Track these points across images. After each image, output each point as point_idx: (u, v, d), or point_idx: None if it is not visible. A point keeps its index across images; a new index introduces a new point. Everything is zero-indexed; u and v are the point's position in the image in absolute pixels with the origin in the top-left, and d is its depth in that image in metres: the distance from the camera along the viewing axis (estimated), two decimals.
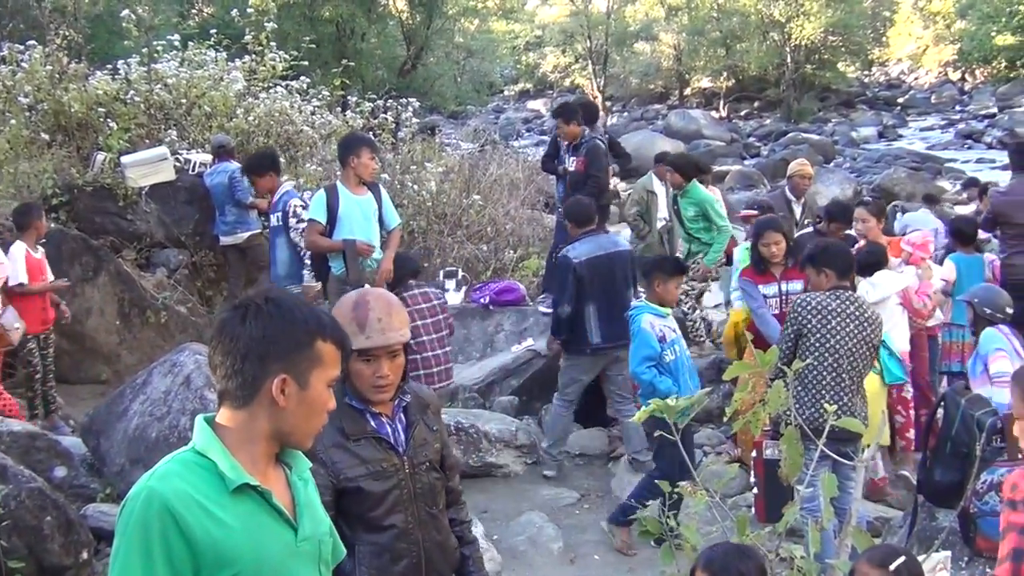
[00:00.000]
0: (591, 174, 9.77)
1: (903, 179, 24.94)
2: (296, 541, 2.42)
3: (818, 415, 5.54)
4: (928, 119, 49.51)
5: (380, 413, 3.39)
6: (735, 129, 43.19)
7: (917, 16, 62.72)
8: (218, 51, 13.05)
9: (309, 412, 2.41)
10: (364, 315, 3.30)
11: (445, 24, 32.18)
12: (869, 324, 6.01)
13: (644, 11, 52.91)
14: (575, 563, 6.71)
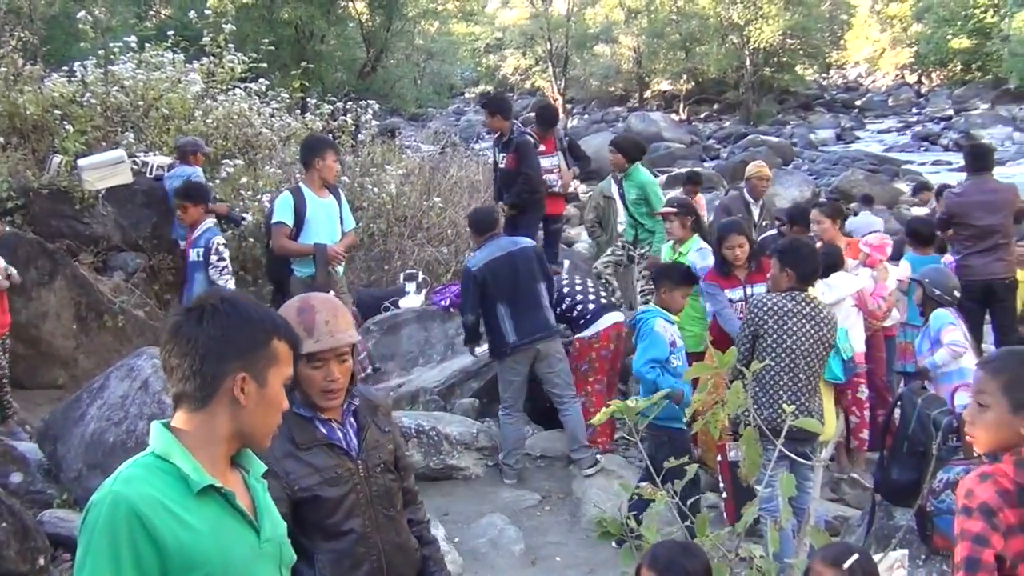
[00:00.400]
0: (522, 171, 9.86)
1: (861, 181, 25.15)
2: (259, 543, 2.43)
3: (776, 415, 5.58)
4: (885, 121, 49.98)
5: (329, 419, 3.36)
6: (695, 131, 43.38)
7: (874, 19, 63.28)
8: (176, 53, 12.95)
9: (267, 410, 2.42)
10: (311, 319, 3.26)
11: (405, 26, 32.10)
12: (825, 324, 6.07)
13: (604, 14, 53.05)
14: (536, 565, 6.72)
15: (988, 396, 3.09)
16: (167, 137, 11.66)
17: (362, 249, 9.99)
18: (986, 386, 3.13)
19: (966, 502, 3.06)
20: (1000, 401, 3.06)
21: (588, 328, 8.09)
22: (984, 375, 3.19)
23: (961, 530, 3.04)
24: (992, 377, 3.14)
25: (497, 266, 7.69)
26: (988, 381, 3.13)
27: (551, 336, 7.74)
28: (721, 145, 39.62)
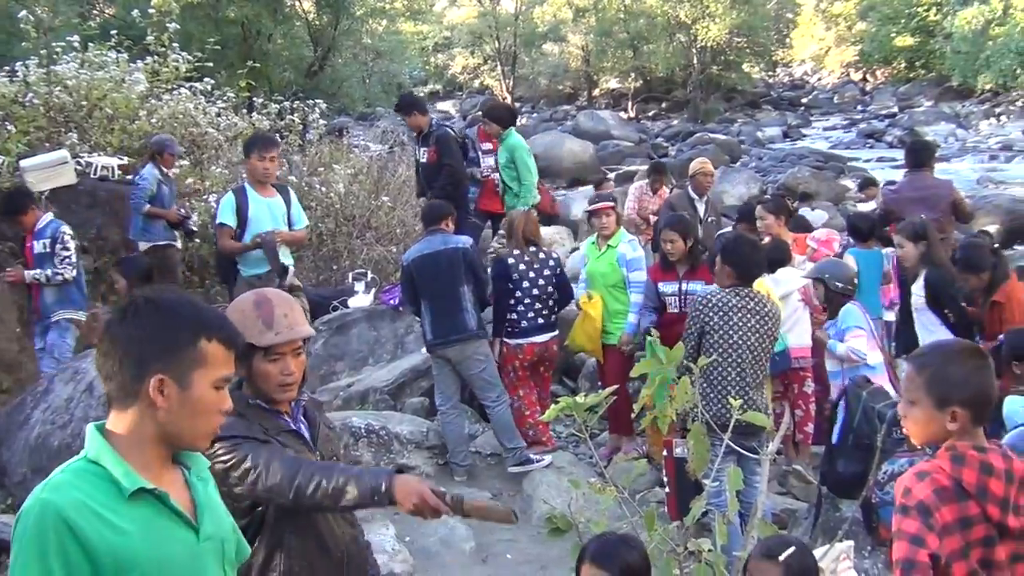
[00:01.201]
0: (444, 163, 9.87)
1: (807, 178, 25.39)
2: (198, 541, 2.41)
3: (723, 410, 5.61)
4: (831, 119, 50.41)
5: (283, 412, 3.39)
6: (643, 129, 43.51)
7: (819, 18, 63.89)
8: (119, 52, 12.83)
9: (193, 413, 2.37)
10: (269, 312, 3.29)
11: (352, 25, 31.96)
12: (769, 318, 6.12)
13: (552, 12, 53.11)
14: (487, 562, 6.74)
15: (915, 392, 3.15)
16: (111, 138, 11.58)
17: (310, 249, 9.95)
18: (912, 382, 3.18)
19: (904, 500, 3.11)
20: (926, 397, 3.11)
21: (518, 337, 8.06)
22: (911, 370, 3.25)
23: (898, 529, 3.08)
24: (917, 373, 3.19)
25: (424, 263, 7.77)
26: (914, 377, 3.18)
27: (466, 340, 7.73)
28: (669, 143, 39.76)
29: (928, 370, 3.14)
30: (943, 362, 3.16)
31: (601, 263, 7.98)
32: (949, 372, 3.10)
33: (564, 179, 28.06)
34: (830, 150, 37.27)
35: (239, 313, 3.32)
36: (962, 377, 3.08)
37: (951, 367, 3.12)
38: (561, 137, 31.62)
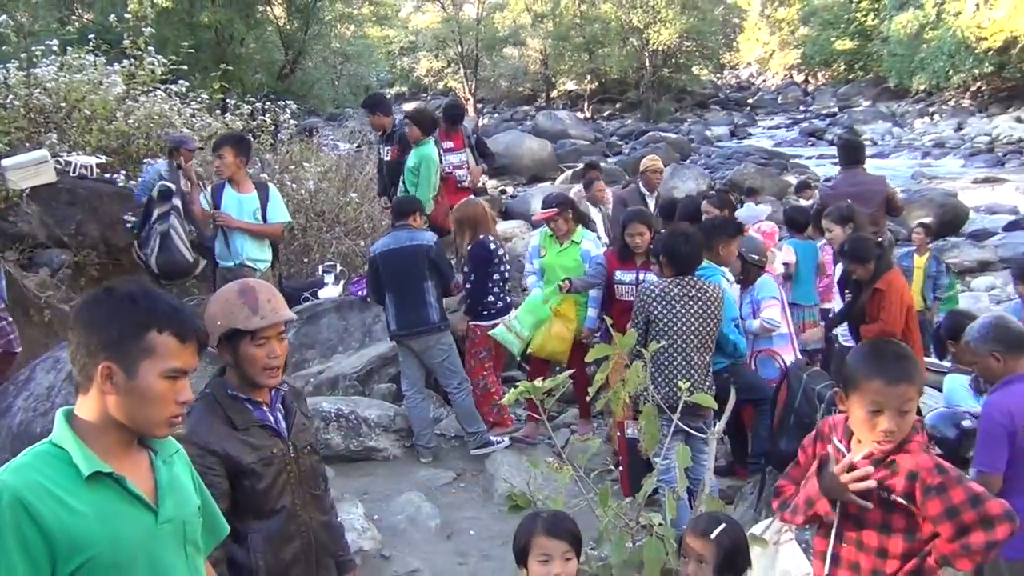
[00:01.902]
0: (402, 162, 9.99)
1: (752, 174, 25.52)
2: (156, 523, 2.40)
3: (672, 393, 5.64)
4: (775, 118, 50.83)
5: (261, 402, 3.39)
6: (599, 129, 43.64)
7: (764, 23, 64.24)
8: (97, 56, 12.69)
9: (141, 401, 2.35)
10: (254, 298, 3.29)
11: (322, 30, 31.86)
12: (711, 304, 6.11)
13: (512, 18, 53.10)
14: (452, 539, 6.75)
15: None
16: (89, 137, 11.47)
17: (282, 242, 9.91)
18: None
19: (782, 507, 3.37)
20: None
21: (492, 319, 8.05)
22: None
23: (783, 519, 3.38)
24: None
25: (390, 257, 7.76)
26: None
27: (427, 332, 7.74)
28: (623, 141, 39.91)
29: (846, 369, 3.35)
30: (849, 359, 3.36)
31: (565, 257, 7.94)
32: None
33: (524, 176, 28.12)
34: (774, 148, 37.57)
35: (224, 302, 3.33)
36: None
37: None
38: (521, 136, 31.66)
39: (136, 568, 2.35)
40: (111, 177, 11.15)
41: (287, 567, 3.36)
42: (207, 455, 3.17)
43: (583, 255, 7.89)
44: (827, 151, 35.63)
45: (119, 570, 2.31)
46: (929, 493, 3.02)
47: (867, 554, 3.18)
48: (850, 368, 3.25)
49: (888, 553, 3.15)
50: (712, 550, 3.31)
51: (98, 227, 10.52)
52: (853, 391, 3.19)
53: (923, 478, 3.04)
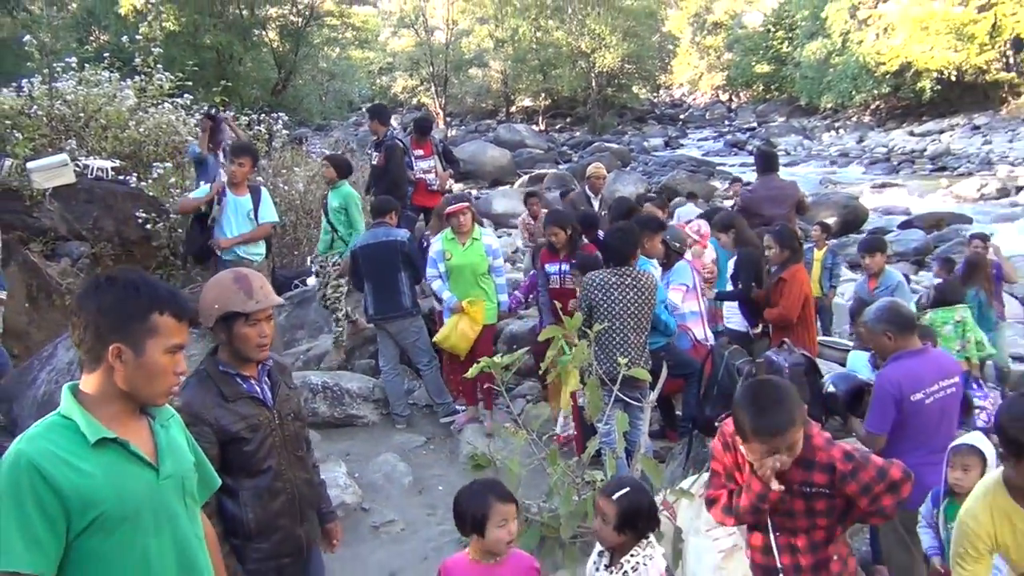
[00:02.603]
0: (388, 168, 10.01)
1: (684, 179, 25.71)
2: (158, 479, 2.41)
3: (613, 368, 5.66)
4: (703, 131, 51.04)
5: (249, 376, 3.39)
6: (551, 140, 43.67)
7: (694, 49, 64.54)
8: (112, 72, 12.56)
9: (148, 375, 2.37)
10: (248, 284, 3.31)
11: (310, 52, 31.75)
12: (645, 291, 6.10)
13: (476, 43, 52.93)
14: (422, 493, 6.75)
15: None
16: (105, 144, 11.39)
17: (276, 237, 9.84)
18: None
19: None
20: None
21: None
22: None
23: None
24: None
25: (368, 251, 7.74)
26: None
27: (401, 316, 7.72)
28: (573, 151, 39.95)
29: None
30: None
31: (471, 255, 7.64)
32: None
33: (487, 180, 28.12)
34: (702, 157, 37.82)
35: (221, 288, 3.34)
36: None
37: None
38: (484, 145, 31.69)
39: (142, 519, 2.35)
40: (124, 179, 11.05)
41: (274, 518, 3.37)
42: (199, 423, 3.18)
43: (486, 249, 7.68)
44: (748, 160, 35.84)
45: (127, 522, 2.31)
46: (845, 479, 3.05)
47: (800, 535, 3.21)
48: (739, 421, 3.10)
49: (817, 526, 3.18)
50: (614, 510, 3.32)
51: (113, 222, 10.42)
52: (747, 442, 3.08)
53: (838, 469, 3.06)
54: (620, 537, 3.34)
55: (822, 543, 3.20)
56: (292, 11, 31.26)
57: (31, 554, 2.19)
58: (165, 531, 2.41)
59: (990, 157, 32.39)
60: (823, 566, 3.22)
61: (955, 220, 21.39)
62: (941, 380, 4.49)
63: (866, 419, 4.58)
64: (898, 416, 4.39)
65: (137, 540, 2.34)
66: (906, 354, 4.51)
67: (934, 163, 33.70)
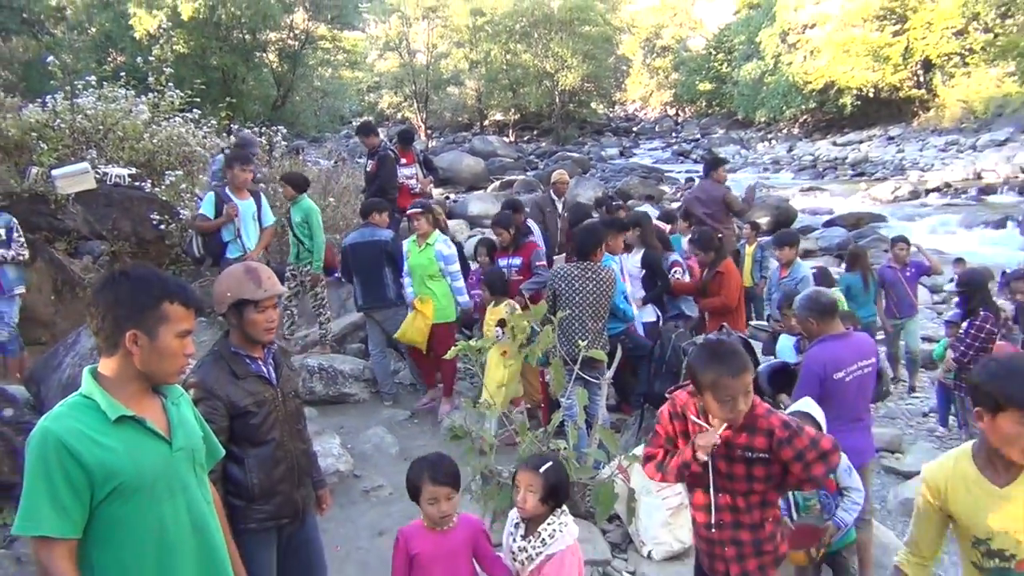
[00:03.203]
0: (379, 174, 10.11)
1: (636, 184, 25.81)
2: (172, 452, 2.42)
3: (574, 349, 5.68)
4: (653, 142, 51.19)
5: (257, 357, 3.40)
6: (520, 150, 43.63)
7: (645, 70, 64.68)
8: (128, 90, 12.43)
9: (161, 357, 2.39)
10: (257, 276, 3.36)
11: (306, 72, 31.59)
12: (603, 283, 6.13)
13: (453, 64, 52.76)
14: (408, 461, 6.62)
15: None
16: (122, 154, 11.29)
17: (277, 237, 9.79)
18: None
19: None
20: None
21: None
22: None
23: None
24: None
25: (356, 248, 7.75)
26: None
27: (386, 307, 7.72)
28: (539, 159, 39.92)
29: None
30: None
31: (422, 257, 7.47)
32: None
33: (463, 185, 28.06)
34: (653, 164, 37.93)
35: (234, 278, 3.37)
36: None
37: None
38: (461, 155, 31.63)
39: (157, 488, 2.37)
40: (140, 185, 10.95)
41: (276, 483, 3.38)
42: (212, 398, 3.21)
43: (436, 254, 7.42)
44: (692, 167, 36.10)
45: (144, 491, 2.33)
46: (782, 444, 3.05)
47: (739, 496, 3.22)
48: (697, 371, 3.09)
49: (754, 490, 3.19)
50: (540, 482, 3.26)
51: (130, 224, 10.32)
52: (705, 390, 3.06)
53: (776, 435, 3.06)
54: (543, 507, 3.28)
55: (757, 505, 3.21)
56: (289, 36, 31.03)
57: (60, 520, 2.20)
58: (179, 498, 2.42)
59: (903, 164, 32.73)
60: (758, 526, 3.24)
61: (872, 219, 21.65)
62: (860, 360, 4.56)
63: (793, 393, 4.63)
64: (821, 391, 4.44)
65: (153, 507, 2.35)
66: (830, 337, 4.58)
67: (854, 169, 33.99)
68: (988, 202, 24.64)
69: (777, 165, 37.66)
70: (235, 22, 27.26)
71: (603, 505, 4.73)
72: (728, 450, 3.15)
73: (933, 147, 34.74)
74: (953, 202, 25.08)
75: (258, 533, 3.37)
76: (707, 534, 3.32)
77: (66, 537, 2.22)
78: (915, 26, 38.84)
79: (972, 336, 6.76)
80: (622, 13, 56.62)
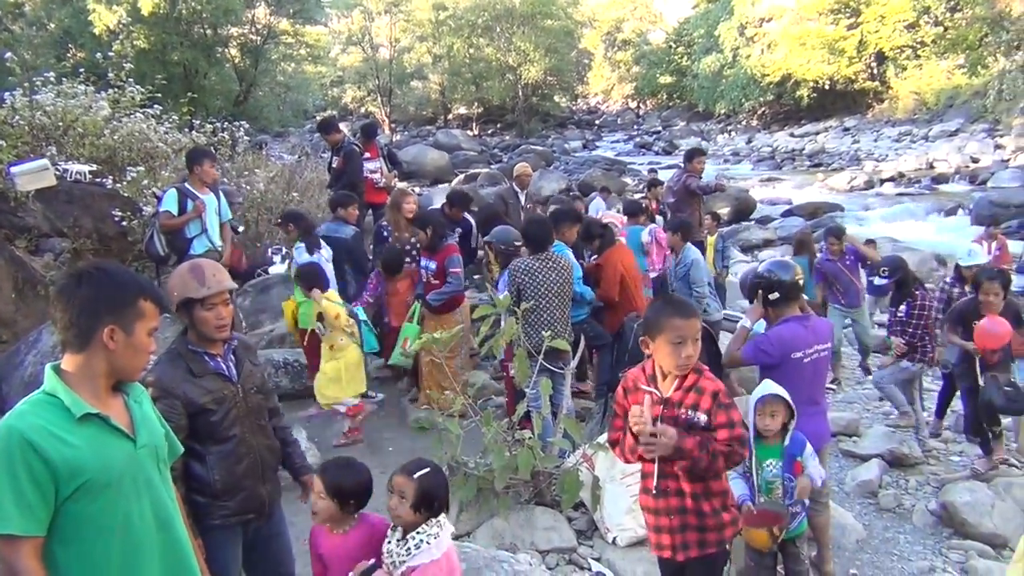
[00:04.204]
0: (346, 170, 10.04)
1: (599, 176, 25.84)
2: (135, 448, 2.40)
3: (539, 340, 5.69)
4: (616, 135, 51.49)
5: (216, 354, 3.35)
6: (484, 143, 43.61)
7: (607, 63, 64.87)
8: (87, 85, 12.21)
9: (134, 353, 2.39)
10: (200, 273, 3.28)
11: (269, 67, 31.25)
12: (563, 272, 6.13)
13: (417, 58, 52.55)
14: (375, 453, 6.68)
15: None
16: (82, 150, 11.08)
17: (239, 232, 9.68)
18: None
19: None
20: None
21: None
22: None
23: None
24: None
25: (324, 240, 7.74)
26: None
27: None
28: (503, 152, 39.95)
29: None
30: (650, 310, 3.48)
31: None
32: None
33: (428, 179, 27.98)
34: (615, 157, 38.08)
35: (179, 277, 3.32)
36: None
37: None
38: (425, 149, 31.56)
39: (122, 484, 2.35)
40: (100, 181, 10.74)
41: (239, 479, 3.35)
42: (169, 397, 3.17)
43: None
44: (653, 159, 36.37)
45: (110, 488, 2.31)
46: (721, 407, 3.24)
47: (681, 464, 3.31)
48: (652, 317, 3.32)
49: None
50: (412, 488, 3.09)
51: (91, 220, 10.15)
52: (659, 332, 3.26)
53: (719, 398, 3.24)
54: (415, 516, 3.09)
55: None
56: (251, 30, 30.66)
57: (25, 519, 2.18)
58: (144, 495, 2.40)
59: (858, 154, 33.19)
60: (700, 497, 3.36)
61: (829, 208, 21.93)
62: (817, 344, 4.63)
63: (743, 347, 4.72)
64: (777, 371, 4.51)
65: (120, 503, 2.33)
66: (794, 318, 4.65)
67: (811, 160, 34.42)
68: (940, 191, 25.09)
69: (737, 156, 38.04)
70: (196, 17, 26.88)
71: (568, 493, 4.76)
72: (674, 413, 3.29)
73: (887, 138, 35.27)
74: (907, 191, 25.50)
75: (223, 530, 3.34)
76: (653, 503, 3.44)
77: (32, 535, 2.19)
78: (868, 19, 39.34)
79: (917, 316, 6.97)
80: (583, 7, 56.71)
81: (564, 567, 4.74)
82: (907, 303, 7.05)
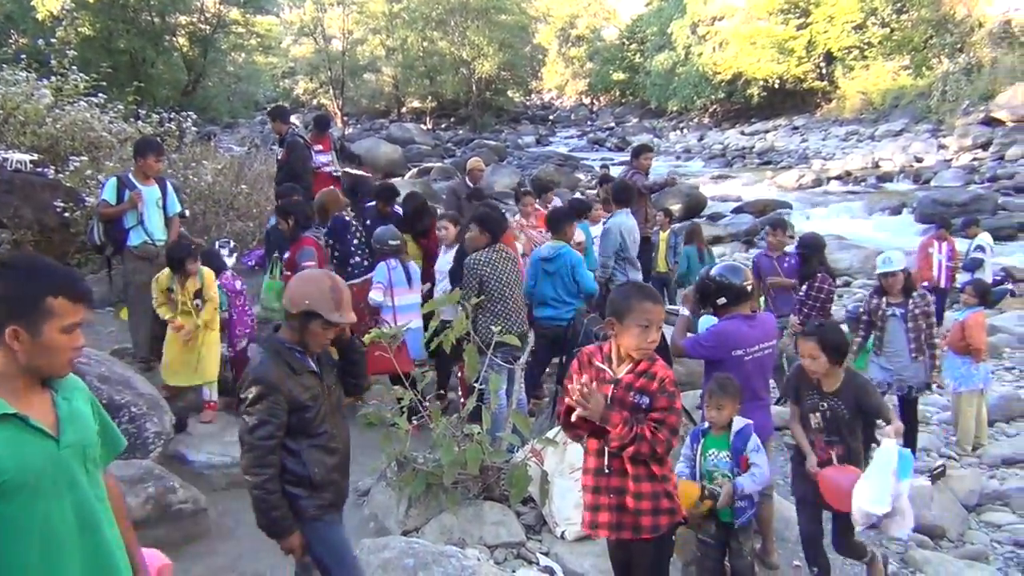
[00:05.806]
0: (289, 161, 9.87)
1: (552, 172, 25.91)
2: (59, 449, 2.31)
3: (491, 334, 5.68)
4: (569, 131, 51.64)
5: (307, 353, 3.46)
6: (438, 137, 43.48)
7: (561, 59, 65.06)
8: (29, 73, 11.90)
9: (46, 352, 2.27)
10: (339, 298, 3.41)
11: (218, 56, 30.73)
12: (515, 261, 6.22)
13: (370, 51, 52.16)
14: None
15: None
16: (24, 139, 10.79)
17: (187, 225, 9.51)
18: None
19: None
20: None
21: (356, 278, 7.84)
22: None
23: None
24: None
25: (269, 233, 7.96)
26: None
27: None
28: (456, 147, 39.88)
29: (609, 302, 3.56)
30: (617, 294, 3.55)
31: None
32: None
33: (380, 172, 27.78)
34: (568, 152, 38.27)
35: (317, 288, 3.40)
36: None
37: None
38: (378, 142, 31.29)
39: (42, 486, 2.27)
40: (42, 171, 10.44)
41: (330, 473, 3.45)
42: (275, 393, 3.26)
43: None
44: (606, 155, 36.55)
45: (27, 488, 2.23)
46: (664, 392, 3.33)
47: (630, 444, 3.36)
48: (621, 300, 3.40)
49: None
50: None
51: (32, 211, 9.86)
52: (627, 314, 3.33)
53: (666, 385, 3.34)
54: None
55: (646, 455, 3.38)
56: (200, 19, 30.12)
57: None
58: (66, 496, 2.31)
59: (807, 153, 33.74)
60: (642, 479, 3.42)
61: (778, 206, 22.26)
62: (762, 342, 4.71)
63: (684, 341, 4.84)
64: (720, 366, 4.58)
65: (38, 504, 2.25)
66: (739, 316, 4.72)
67: (761, 158, 34.90)
68: (885, 189, 25.60)
69: (688, 154, 38.41)
70: (143, 4, 26.31)
71: (517, 488, 4.77)
72: (624, 395, 3.36)
73: (835, 137, 35.90)
74: (853, 189, 25.99)
75: (323, 519, 3.46)
76: (595, 481, 3.51)
77: None
78: (817, 20, 40.00)
79: (813, 297, 7.17)
80: (537, 2, 56.83)
81: (512, 561, 4.74)
82: (808, 283, 7.29)
